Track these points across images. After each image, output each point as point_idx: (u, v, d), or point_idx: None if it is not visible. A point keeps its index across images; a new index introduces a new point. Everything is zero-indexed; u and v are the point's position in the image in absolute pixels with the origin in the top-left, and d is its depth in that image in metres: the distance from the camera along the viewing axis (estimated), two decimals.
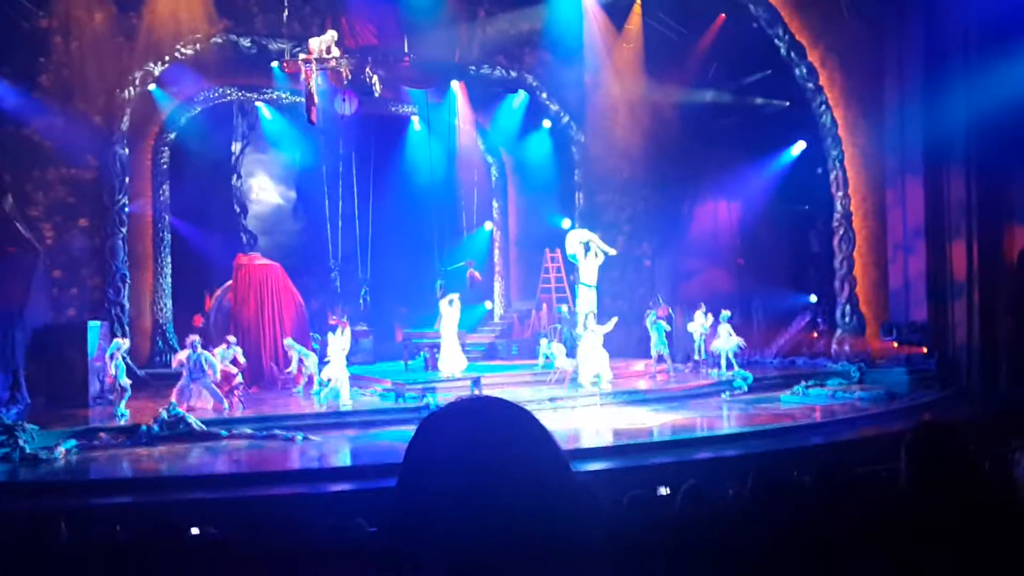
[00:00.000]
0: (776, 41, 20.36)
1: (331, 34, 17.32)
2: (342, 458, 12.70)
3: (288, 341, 17.70)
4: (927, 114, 18.60)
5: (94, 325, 16.89)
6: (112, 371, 15.04)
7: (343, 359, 15.88)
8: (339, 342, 15.96)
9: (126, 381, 14.89)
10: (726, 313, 18.93)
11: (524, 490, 1.32)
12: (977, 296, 18.10)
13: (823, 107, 20.57)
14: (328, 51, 17.13)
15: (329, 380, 15.74)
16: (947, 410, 15.47)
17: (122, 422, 13.76)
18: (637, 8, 21.72)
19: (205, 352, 15.19)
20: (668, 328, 19.33)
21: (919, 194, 19.14)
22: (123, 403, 14.54)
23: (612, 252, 20.43)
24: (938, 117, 18.21)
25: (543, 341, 19.29)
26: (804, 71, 20.46)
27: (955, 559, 2.65)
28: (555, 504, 1.34)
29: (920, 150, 18.99)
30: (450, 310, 18.12)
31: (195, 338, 15.39)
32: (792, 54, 20.40)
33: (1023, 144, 17.07)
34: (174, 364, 15.97)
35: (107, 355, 15.32)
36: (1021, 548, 2.79)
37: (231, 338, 16.57)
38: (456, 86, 22.26)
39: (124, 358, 15.16)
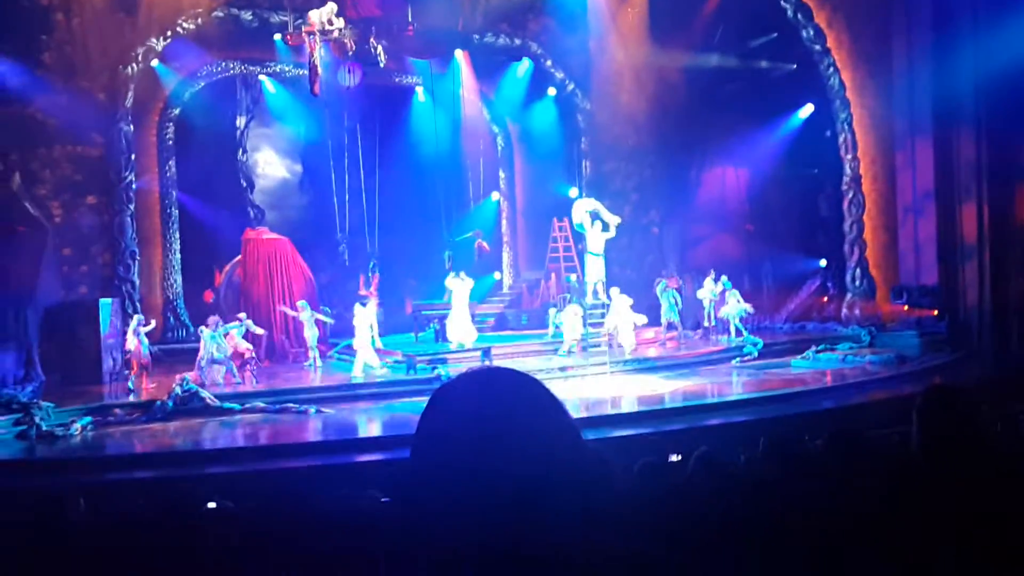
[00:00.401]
0: (782, 3, 20.10)
1: (331, 6, 17.16)
2: (355, 430, 12.79)
3: (302, 303, 17.73)
4: (936, 75, 18.39)
5: (106, 302, 16.98)
6: (131, 346, 15.35)
7: (368, 331, 15.95)
8: (367, 313, 16.05)
9: (148, 357, 15.26)
10: (725, 279, 19.00)
11: (536, 459, 1.33)
12: (988, 258, 18.01)
13: (831, 69, 20.34)
14: (330, 22, 17.00)
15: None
16: (958, 373, 15.45)
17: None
18: None
19: (224, 328, 15.52)
20: (679, 304, 19.40)
21: (929, 156, 18.99)
22: (147, 378, 15.09)
23: (616, 220, 20.35)
24: (947, 78, 18.02)
25: (552, 311, 19.32)
26: (811, 33, 20.23)
27: (966, 520, 2.66)
28: (567, 472, 1.34)
29: (929, 111, 18.81)
30: (461, 285, 18.11)
31: (216, 319, 15.60)
32: (799, 16, 20.15)
33: None
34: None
35: (131, 331, 15.55)
36: None
37: (242, 315, 16.81)
38: (460, 55, 22.07)
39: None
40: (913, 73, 19.04)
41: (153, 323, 16.45)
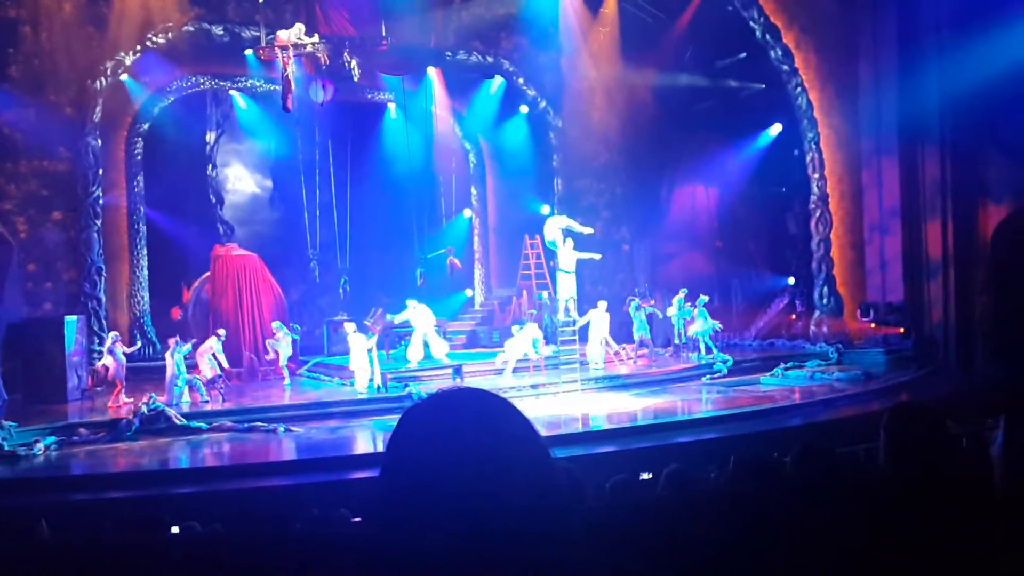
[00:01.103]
0: (751, 23, 20.39)
1: (298, 26, 17.08)
2: (324, 449, 12.65)
3: (276, 324, 17.59)
4: (902, 95, 18.73)
5: (71, 320, 16.72)
6: (107, 363, 15.13)
7: (365, 355, 15.73)
8: (366, 343, 15.83)
9: (122, 374, 15.04)
10: (703, 298, 19.08)
11: (506, 479, 1.32)
12: (952, 275, 18.31)
13: (798, 89, 20.64)
14: (299, 39, 16.96)
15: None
16: (924, 389, 15.65)
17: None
18: None
19: (187, 347, 15.36)
20: (660, 315, 19.53)
21: (895, 174, 19.30)
22: (117, 396, 14.75)
23: (589, 230, 20.36)
24: (913, 97, 18.35)
25: (515, 328, 19.26)
26: (779, 53, 20.51)
27: (932, 535, 2.69)
28: (537, 492, 1.34)
29: (895, 131, 19.13)
30: (416, 313, 17.90)
31: (175, 339, 15.40)
32: (767, 36, 20.43)
33: (996, 123, 17.24)
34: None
35: (105, 348, 15.29)
36: (996, 523, 2.83)
37: (221, 332, 16.69)
38: (432, 72, 22.10)
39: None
40: (879, 93, 19.37)
41: (139, 344, 16.59)
